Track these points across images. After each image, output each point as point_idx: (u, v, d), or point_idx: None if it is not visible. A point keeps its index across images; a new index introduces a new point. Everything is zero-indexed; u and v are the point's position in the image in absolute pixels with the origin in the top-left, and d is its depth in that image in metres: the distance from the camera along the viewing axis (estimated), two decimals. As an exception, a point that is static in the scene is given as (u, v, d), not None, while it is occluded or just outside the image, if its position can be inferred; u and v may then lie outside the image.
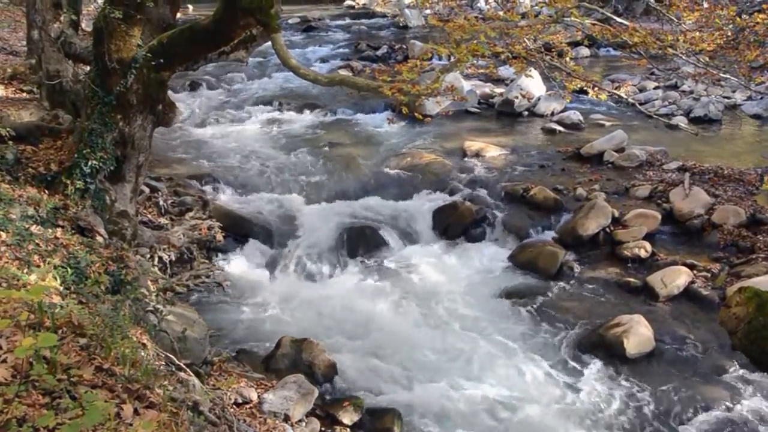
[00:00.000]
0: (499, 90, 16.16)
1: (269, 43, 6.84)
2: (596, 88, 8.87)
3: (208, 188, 10.61)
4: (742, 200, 10.06)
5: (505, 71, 15.72)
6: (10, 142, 7.07)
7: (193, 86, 16.37)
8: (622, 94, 10.61)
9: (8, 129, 6.93)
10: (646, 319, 7.57)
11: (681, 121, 13.63)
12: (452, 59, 7.32)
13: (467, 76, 15.84)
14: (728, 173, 11.08)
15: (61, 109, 8.81)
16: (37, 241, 5.45)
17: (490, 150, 12.49)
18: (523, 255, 9.42)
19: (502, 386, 6.87)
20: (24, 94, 10.01)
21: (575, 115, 14.31)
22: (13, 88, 10.23)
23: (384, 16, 29.01)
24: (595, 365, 7.21)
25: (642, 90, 16.67)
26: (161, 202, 9.14)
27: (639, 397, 6.75)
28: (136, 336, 4.74)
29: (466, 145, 12.67)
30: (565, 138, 13.46)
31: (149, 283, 6.71)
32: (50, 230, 5.95)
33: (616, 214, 9.77)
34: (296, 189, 11.08)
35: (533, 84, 14.86)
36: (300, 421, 5.88)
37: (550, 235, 9.87)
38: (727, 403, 6.60)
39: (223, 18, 6.29)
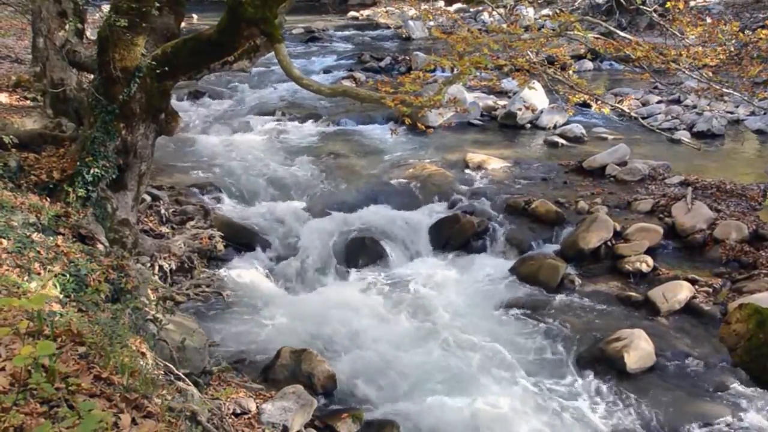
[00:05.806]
0: (501, 102, 16.18)
1: (272, 53, 6.86)
2: (599, 102, 8.86)
3: (209, 197, 10.63)
4: (744, 215, 10.04)
5: (507, 84, 15.75)
6: (13, 150, 7.10)
7: (196, 96, 16.42)
8: (625, 108, 10.58)
9: (11, 137, 6.96)
10: (647, 333, 7.55)
11: (684, 135, 13.61)
12: (455, 71, 7.33)
13: (470, 89, 15.82)
14: (731, 188, 11.06)
15: (65, 117, 8.83)
16: (38, 248, 5.45)
17: (492, 162, 12.50)
18: (525, 268, 9.39)
19: (501, 399, 6.83)
20: (28, 102, 10.02)
21: (578, 129, 14.33)
22: (17, 96, 10.25)
23: (387, 27, 29.14)
24: (595, 380, 7.19)
25: (645, 104, 16.67)
26: (162, 211, 9.15)
27: (639, 412, 6.72)
28: (135, 345, 4.72)
29: (468, 157, 12.68)
30: (567, 151, 13.47)
31: (149, 291, 6.70)
32: (51, 238, 5.94)
33: (618, 227, 9.75)
34: (297, 199, 11.09)
35: (536, 97, 14.86)
36: (298, 432, 5.86)
37: (551, 248, 9.86)
38: (727, 420, 6.56)
39: (226, 28, 6.32)
